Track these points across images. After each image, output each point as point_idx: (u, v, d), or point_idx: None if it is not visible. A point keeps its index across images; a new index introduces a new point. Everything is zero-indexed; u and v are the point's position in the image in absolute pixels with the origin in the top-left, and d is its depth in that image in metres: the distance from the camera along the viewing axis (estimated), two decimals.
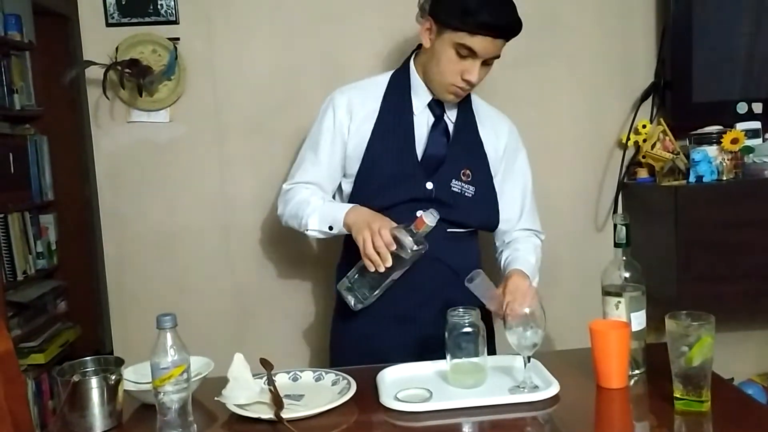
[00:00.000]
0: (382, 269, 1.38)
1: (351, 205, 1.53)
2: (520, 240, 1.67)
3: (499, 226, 1.66)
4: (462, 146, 1.60)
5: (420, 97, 1.59)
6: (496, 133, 1.65)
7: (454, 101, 1.57)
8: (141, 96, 1.90)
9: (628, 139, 2.06)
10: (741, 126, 1.94)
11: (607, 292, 1.35)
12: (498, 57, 1.51)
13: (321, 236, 1.57)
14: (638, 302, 1.34)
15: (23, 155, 2.87)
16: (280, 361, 1.40)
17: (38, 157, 2.99)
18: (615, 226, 1.35)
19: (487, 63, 1.50)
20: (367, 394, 1.29)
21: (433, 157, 1.56)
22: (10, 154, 2.75)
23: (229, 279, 2.06)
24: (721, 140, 1.89)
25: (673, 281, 1.81)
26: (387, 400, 1.24)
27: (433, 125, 1.59)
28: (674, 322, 1.16)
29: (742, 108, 1.99)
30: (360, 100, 1.61)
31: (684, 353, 1.14)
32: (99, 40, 1.93)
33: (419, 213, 1.41)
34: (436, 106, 1.59)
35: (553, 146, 2.10)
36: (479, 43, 1.45)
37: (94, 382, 1.19)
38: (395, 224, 1.41)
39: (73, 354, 1.72)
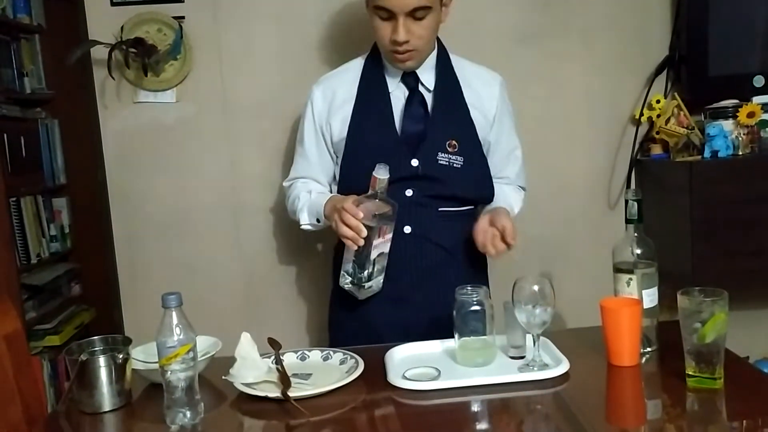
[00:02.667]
0: (360, 242, 1.39)
1: (328, 195, 1.56)
2: (504, 188, 1.67)
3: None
4: (445, 115, 1.56)
5: (392, 73, 1.58)
6: (485, 93, 1.61)
7: (404, 67, 1.55)
8: (146, 76, 1.89)
9: (642, 114, 2.02)
10: (757, 99, 1.89)
11: (618, 269, 1.33)
12: (428, 8, 1.45)
13: (315, 229, 1.61)
14: (650, 279, 1.31)
15: (35, 139, 2.88)
16: (288, 341, 1.40)
17: (50, 141, 2.99)
18: (626, 201, 1.33)
19: (417, 18, 1.46)
20: (375, 373, 1.28)
21: (412, 132, 1.54)
22: (22, 138, 2.76)
23: (237, 259, 2.06)
24: (737, 114, 1.85)
25: (687, 259, 1.79)
26: (395, 378, 1.23)
27: (408, 99, 1.57)
28: (687, 299, 1.14)
29: (758, 81, 1.95)
30: (336, 87, 1.61)
31: (697, 330, 1.12)
32: (104, 20, 1.92)
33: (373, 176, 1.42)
34: (410, 79, 1.57)
35: (565, 122, 2.07)
36: (388, 0, 1.43)
37: (101, 360, 1.20)
38: (356, 197, 1.43)
39: (88, 336, 1.72)
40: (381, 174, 1.40)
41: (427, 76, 1.58)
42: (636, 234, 1.32)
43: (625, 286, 1.31)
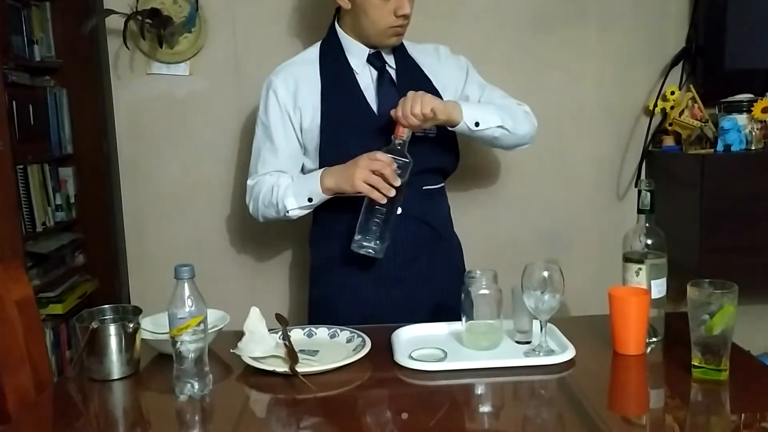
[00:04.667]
0: (392, 193, 1.41)
1: (318, 171, 1.52)
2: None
3: None
4: (414, 87, 1.52)
5: (356, 55, 1.58)
6: (437, 64, 1.64)
7: (397, 42, 1.56)
8: (161, 47, 1.88)
9: (656, 105, 2.01)
10: None
11: (627, 259, 1.33)
12: None
13: (303, 213, 1.57)
14: (659, 270, 1.32)
15: (43, 107, 2.87)
16: (295, 319, 1.40)
17: (57, 110, 2.98)
18: (639, 192, 1.32)
19: None
20: (382, 352, 1.29)
21: (388, 108, 1.52)
22: (30, 106, 2.75)
23: (245, 234, 2.07)
24: (752, 109, 1.84)
25: (695, 251, 1.79)
26: (401, 358, 1.24)
27: (378, 79, 1.58)
28: (696, 290, 1.14)
29: None
30: (298, 76, 1.59)
31: (705, 321, 1.12)
32: None
33: (393, 113, 1.43)
34: (376, 59, 1.58)
35: (578, 111, 2.06)
36: None
37: (112, 329, 1.21)
38: (377, 151, 1.44)
39: (90, 306, 1.73)
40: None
41: (389, 56, 1.60)
42: (647, 224, 1.32)
43: (634, 275, 1.31)
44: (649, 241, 1.32)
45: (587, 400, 1.13)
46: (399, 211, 1.50)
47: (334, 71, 1.58)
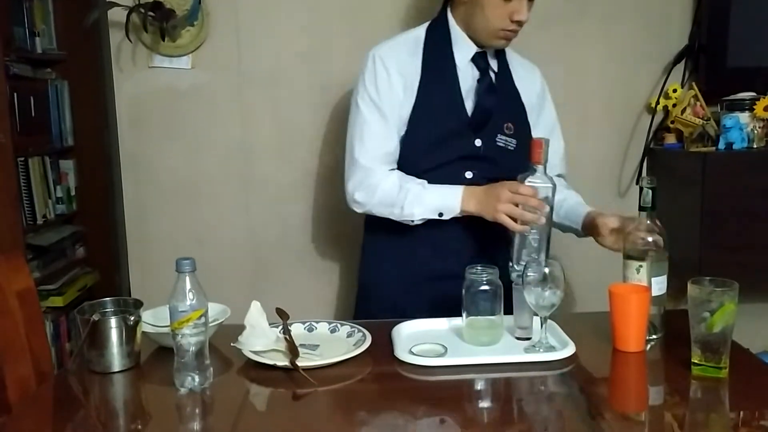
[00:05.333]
0: (543, 220, 1.34)
1: (457, 188, 1.47)
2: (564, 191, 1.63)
3: None
4: (505, 99, 1.57)
5: (462, 51, 1.55)
6: (529, 82, 1.63)
7: (504, 46, 1.54)
8: (163, 40, 1.88)
9: (658, 103, 2.01)
10: None
11: (628, 256, 1.33)
12: None
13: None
14: (660, 267, 1.31)
15: (44, 100, 2.86)
16: (295, 313, 1.41)
17: (59, 102, 2.97)
18: (641, 189, 1.32)
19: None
20: (382, 347, 1.29)
21: (482, 112, 1.53)
22: (32, 98, 2.74)
23: (246, 229, 2.07)
24: (754, 107, 1.84)
25: (696, 249, 1.79)
26: (401, 353, 1.24)
27: (480, 79, 1.55)
28: (697, 288, 1.14)
29: None
30: (403, 57, 1.54)
31: (705, 319, 1.13)
32: None
33: (532, 141, 1.34)
34: (480, 59, 1.55)
35: (580, 107, 2.06)
36: None
37: (113, 321, 1.21)
38: (516, 182, 1.37)
39: (90, 299, 1.73)
40: (544, 145, 1.33)
41: (492, 59, 1.58)
42: (649, 222, 1.32)
43: (635, 273, 1.31)
44: (651, 239, 1.32)
45: (587, 397, 1.14)
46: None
47: (437, 61, 1.54)
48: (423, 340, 1.31)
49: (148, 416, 1.12)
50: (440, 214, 1.47)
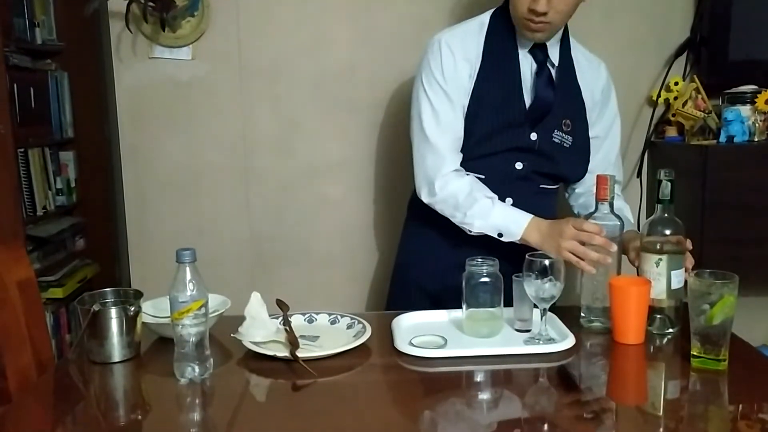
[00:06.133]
0: (609, 260, 1.30)
1: (525, 216, 1.43)
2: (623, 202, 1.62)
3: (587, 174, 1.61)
4: (564, 94, 1.54)
5: (522, 42, 1.52)
6: (593, 78, 1.59)
7: (532, 38, 1.48)
8: (164, 31, 1.87)
9: (659, 96, 2.00)
10: None
11: (647, 249, 1.32)
12: None
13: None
14: (679, 260, 1.31)
15: (44, 91, 2.85)
16: (295, 304, 1.41)
17: (59, 94, 2.96)
18: (659, 182, 1.31)
19: None
20: (382, 338, 1.30)
21: (540, 105, 1.50)
22: (31, 89, 2.74)
23: (246, 221, 2.07)
24: (756, 100, 1.84)
25: (696, 242, 1.77)
26: (401, 345, 1.24)
27: (538, 72, 1.52)
28: (697, 280, 1.14)
29: None
30: (467, 43, 1.52)
31: (705, 311, 1.13)
32: None
33: (598, 177, 1.33)
34: (539, 51, 1.52)
35: None
36: None
37: (113, 312, 1.21)
38: (583, 219, 1.35)
39: (90, 290, 1.73)
40: (609, 182, 1.31)
41: (554, 51, 1.54)
42: (666, 215, 1.32)
43: (654, 266, 1.30)
44: (668, 232, 1.31)
45: (586, 389, 1.14)
46: (510, 202, 1.48)
47: (498, 49, 1.52)
48: (423, 331, 1.31)
49: (148, 406, 1.12)
50: (500, 235, 1.45)
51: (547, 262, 1.24)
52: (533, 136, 1.51)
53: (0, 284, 1.24)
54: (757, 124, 1.84)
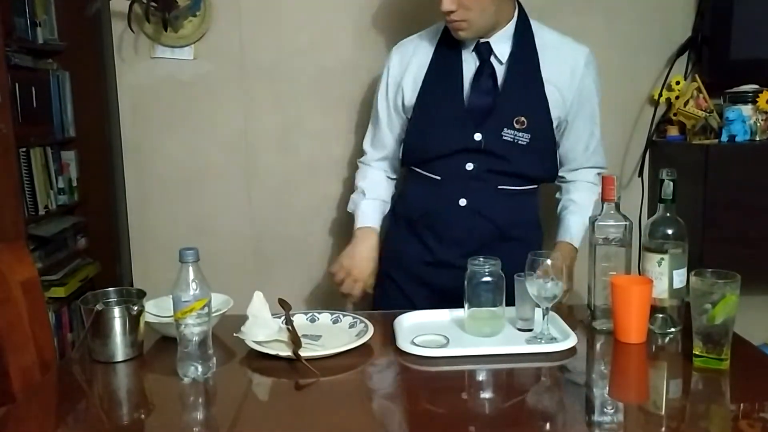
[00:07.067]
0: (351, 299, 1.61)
1: (362, 222, 1.66)
2: (580, 187, 1.63)
3: (565, 162, 1.63)
4: (516, 90, 1.51)
5: (467, 42, 1.53)
6: (565, 68, 1.53)
7: (460, 37, 1.49)
8: (166, 31, 1.87)
9: (660, 95, 2.00)
10: None
11: (649, 249, 1.32)
12: None
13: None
14: (681, 260, 1.31)
15: (45, 90, 2.85)
16: (297, 304, 1.41)
17: (60, 93, 2.96)
18: (662, 181, 1.31)
19: None
20: (384, 338, 1.30)
21: (478, 105, 1.50)
22: (33, 89, 2.74)
23: (248, 220, 2.07)
24: (757, 99, 1.84)
25: (698, 241, 1.79)
26: (404, 344, 1.25)
27: (477, 70, 1.52)
28: (699, 280, 1.15)
29: None
30: (414, 50, 1.58)
31: (707, 311, 1.13)
32: None
33: (604, 177, 1.33)
34: (483, 49, 1.52)
35: None
36: None
37: (116, 311, 1.21)
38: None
39: (92, 289, 1.74)
40: None
41: (502, 46, 1.51)
42: (668, 214, 1.32)
43: (656, 265, 1.30)
44: (671, 231, 1.31)
45: (588, 388, 1.14)
46: (463, 202, 1.53)
47: (445, 54, 1.54)
48: (425, 330, 1.31)
49: (152, 405, 1.12)
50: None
51: (549, 261, 1.24)
52: (477, 136, 1.50)
53: (3, 284, 1.25)
54: (758, 124, 1.84)
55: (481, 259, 1.31)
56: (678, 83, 1.99)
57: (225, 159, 2.03)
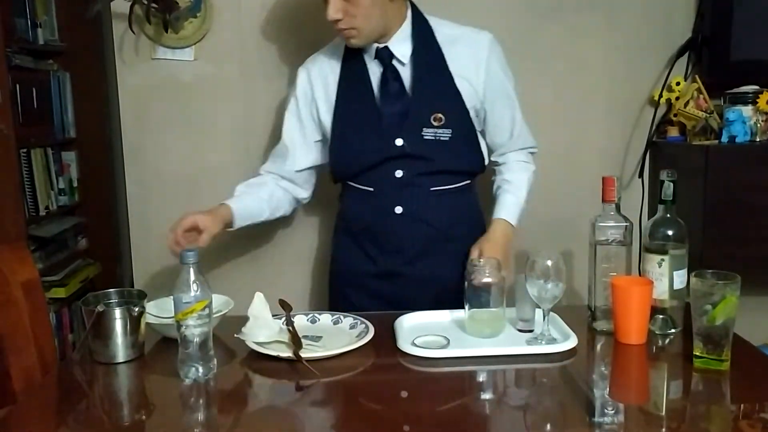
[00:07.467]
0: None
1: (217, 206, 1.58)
2: (513, 167, 1.62)
3: (494, 149, 1.62)
4: (427, 88, 1.49)
5: (368, 49, 1.52)
6: (471, 58, 1.51)
7: (352, 44, 1.48)
8: (166, 32, 1.88)
9: (661, 96, 2.00)
10: None
11: (649, 250, 1.32)
12: None
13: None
14: (681, 261, 1.31)
15: (46, 91, 2.86)
16: (298, 304, 1.41)
17: (61, 94, 2.97)
18: (662, 182, 1.31)
19: None
20: (385, 339, 1.30)
21: (392, 110, 1.49)
22: (34, 89, 2.74)
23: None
24: (757, 100, 1.84)
25: (698, 242, 1.78)
26: (404, 345, 1.25)
27: (382, 76, 1.51)
28: (699, 281, 1.15)
29: None
30: (321, 66, 1.57)
31: (707, 312, 1.13)
32: None
33: (604, 179, 1.34)
34: (384, 53, 1.50)
35: (583, 100, 2.05)
36: None
37: (117, 312, 1.22)
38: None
39: (93, 290, 1.75)
40: None
41: (402, 48, 1.50)
42: (669, 215, 1.32)
43: (657, 266, 1.30)
44: (671, 232, 1.31)
45: (588, 389, 1.14)
46: (399, 210, 1.51)
47: (351, 65, 1.54)
48: (425, 331, 1.32)
49: (153, 406, 1.13)
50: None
51: (549, 262, 1.24)
52: (398, 141, 1.49)
53: (5, 285, 1.25)
54: (758, 125, 1.84)
55: (482, 261, 1.31)
56: (678, 84, 1.99)
57: (226, 160, 2.03)
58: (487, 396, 1.14)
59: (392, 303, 1.51)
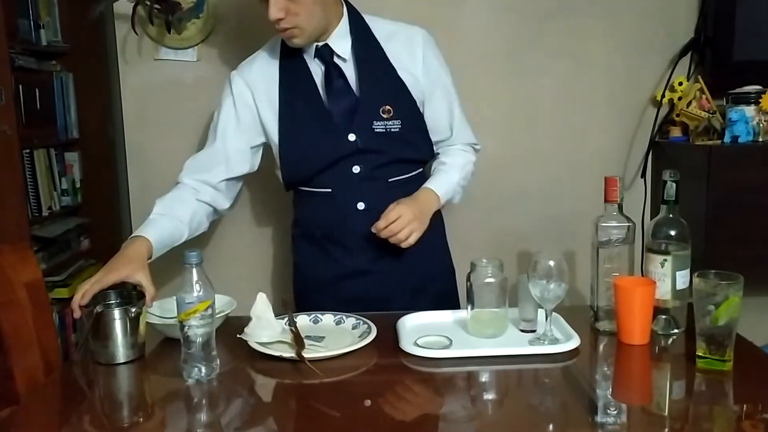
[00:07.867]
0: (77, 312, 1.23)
1: (142, 231, 1.41)
2: (450, 153, 1.61)
3: (435, 142, 1.60)
4: (372, 81, 1.49)
5: (306, 49, 1.50)
6: (407, 51, 1.52)
7: (294, 44, 1.46)
8: (169, 33, 1.88)
9: (663, 96, 2.00)
10: None
11: (652, 250, 1.32)
12: None
13: None
14: (683, 261, 1.31)
15: (49, 92, 2.87)
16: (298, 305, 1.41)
17: (64, 95, 2.98)
18: (665, 182, 1.31)
19: None
20: (387, 339, 1.30)
21: (340, 107, 1.48)
22: (36, 90, 2.75)
23: (251, 221, 2.07)
24: (760, 100, 1.83)
25: (701, 242, 1.78)
26: (407, 345, 1.25)
27: (326, 74, 1.50)
28: (702, 281, 1.15)
29: None
30: (259, 69, 1.54)
31: (710, 312, 1.13)
32: None
33: (606, 179, 1.33)
34: (324, 51, 1.49)
35: (585, 100, 2.05)
36: None
37: (116, 313, 1.22)
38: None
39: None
40: None
41: (341, 44, 1.49)
42: (671, 215, 1.32)
43: (659, 267, 1.30)
44: (673, 232, 1.31)
45: (591, 389, 1.14)
46: (362, 206, 1.51)
47: (291, 67, 1.51)
48: (428, 332, 1.32)
49: (155, 406, 1.13)
50: None
51: (552, 263, 1.24)
52: (351, 137, 1.48)
53: (8, 285, 1.25)
54: (761, 125, 1.84)
55: (484, 260, 1.31)
56: (681, 84, 1.98)
57: None
58: (489, 396, 1.14)
59: (365, 302, 1.48)
